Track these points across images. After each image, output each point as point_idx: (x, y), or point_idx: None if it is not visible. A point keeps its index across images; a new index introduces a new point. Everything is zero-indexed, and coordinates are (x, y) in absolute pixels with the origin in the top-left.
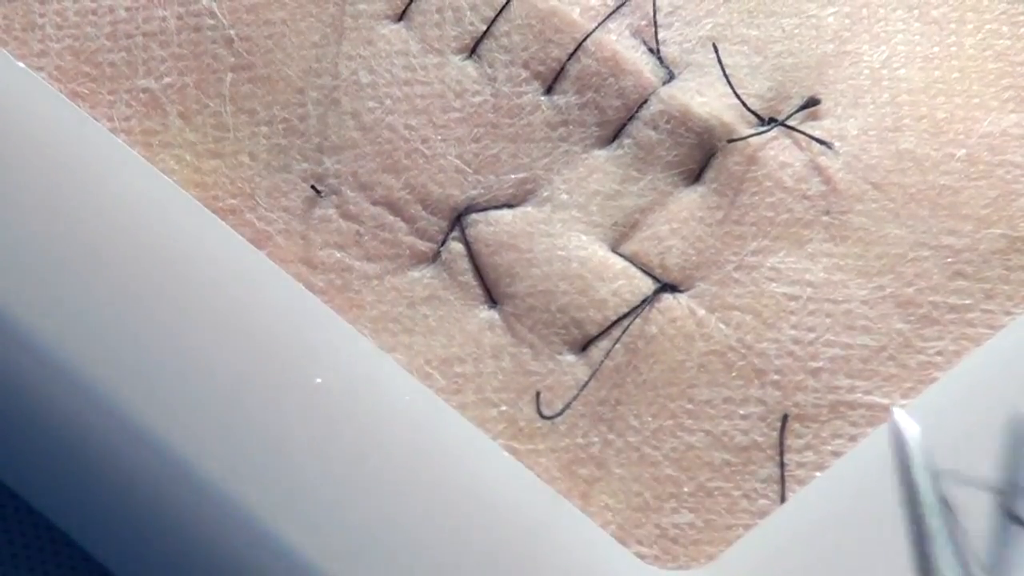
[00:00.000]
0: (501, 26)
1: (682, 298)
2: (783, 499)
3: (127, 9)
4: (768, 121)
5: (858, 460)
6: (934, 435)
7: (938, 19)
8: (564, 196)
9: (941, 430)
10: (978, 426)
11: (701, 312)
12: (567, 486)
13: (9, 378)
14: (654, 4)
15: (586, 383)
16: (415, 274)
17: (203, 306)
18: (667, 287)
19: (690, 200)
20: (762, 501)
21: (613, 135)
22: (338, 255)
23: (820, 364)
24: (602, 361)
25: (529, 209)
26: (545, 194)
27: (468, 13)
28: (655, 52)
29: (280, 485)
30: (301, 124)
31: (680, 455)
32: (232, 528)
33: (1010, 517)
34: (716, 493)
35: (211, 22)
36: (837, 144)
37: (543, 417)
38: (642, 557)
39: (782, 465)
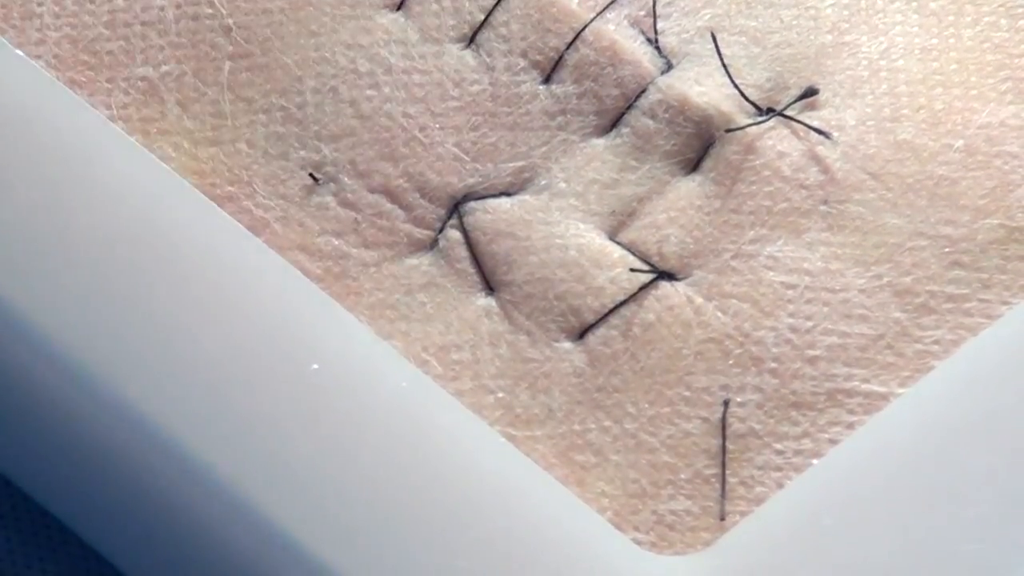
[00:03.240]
0: (500, 16)
1: (680, 286)
2: (723, 483)
3: None
4: (766, 111)
5: (855, 448)
6: (931, 424)
7: (936, 11)
8: (562, 184)
9: (938, 419)
10: (975, 414)
11: (699, 300)
12: (564, 472)
13: (5, 367)
14: None
15: None
16: (413, 261)
17: (200, 293)
18: (665, 275)
19: (688, 189)
20: (759, 488)
21: (611, 124)
22: (336, 242)
23: (817, 352)
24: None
25: (527, 197)
26: (543, 182)
27: (467, 2)
28: (653, 42)
29: (276, 471)
30: (299, 112)
31: (677, 442)
32: (228, 514)
33: None
34: (713, 480)
35: (209, 11)
36: (835, 134)
37: None
38: (639, 543)
39: (723, 450)
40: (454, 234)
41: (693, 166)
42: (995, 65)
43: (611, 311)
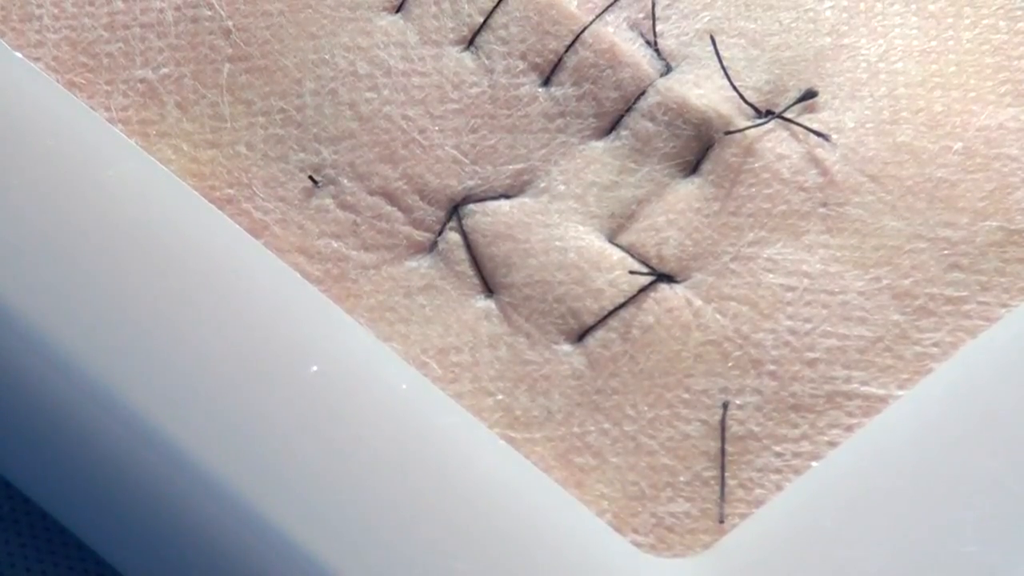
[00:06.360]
0: (499, 18)
1: (679, 288)
2: (722, 485)
3: (124, 0)
4: (765, 113)
5: (854, 450)
6: (930, 426)
7: (935, 13)
8: (561, 187)
9: (937, 421)
10: (974, 416)
11: (698, 302)
12: (563, 475)
13: (4, 369)
14: None
15: None
16: (412, 264)
17: (200, 295)
18: (664, 277)
19: (687, 191)
20: (758, 490)
21: (610, 126)
22: (335, 245)
23: (816, 355)
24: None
25: (526, 200)
26: (542, 185)
27: (466, 5)
28: (653, 44)
29: (276, 473)
30: (298, 114)
31: (676, 444)
32: (227, 516)
33: None
34: (712, 482)
35: (208, 13)
36: (834, 136)
37: None
38: (638, 546)
39: (723, 452)
40: (453, 236)
41: (692, 168)
42: (994, 67)
43: (610, 313)
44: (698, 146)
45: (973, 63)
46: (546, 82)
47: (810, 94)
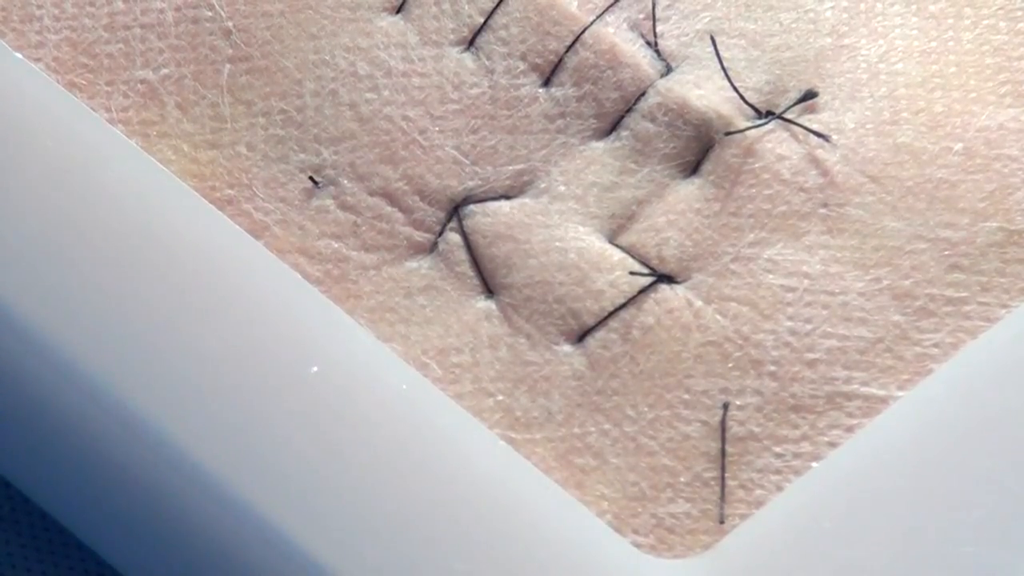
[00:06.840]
0: (499, 19)
1: (679, 289)
2: (722, 486)
3: (124, 1)
4: (765, 114)
5: (855, 451)
6: (930, 427)
7: (936, 14)
8: (561, 188)
9: (938, 422)
10: (974, 417)
11: (698, 303)
12: (563, 476)
13: (4, 370)
14: None
15: None
16: (412, 264)
17: (200, 296)
18: (664, 278)
19: (687, 192)
20: (758, 491)
21: (611, 127)
22: (335, 245)
23: (817, 355)
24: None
25: (526, 200)
26: (542, 186)
27: (466, 6)
28: (653, 45)
29: (277, 474)
30: (299, 115)
31: (677, 445)
32: (228, 516)
33: None
34: (712, 483)
35: (209, 14)
36: (835, 137)
37: None
38: (638, 546)
39: (723, 453)
40: (454, 237)
41: (692, 169)
42: (994, 68)
43: (610, 314)
44: (698, 147)
45: (973, 64)
46: (546, 83)
47: (810, 95)
